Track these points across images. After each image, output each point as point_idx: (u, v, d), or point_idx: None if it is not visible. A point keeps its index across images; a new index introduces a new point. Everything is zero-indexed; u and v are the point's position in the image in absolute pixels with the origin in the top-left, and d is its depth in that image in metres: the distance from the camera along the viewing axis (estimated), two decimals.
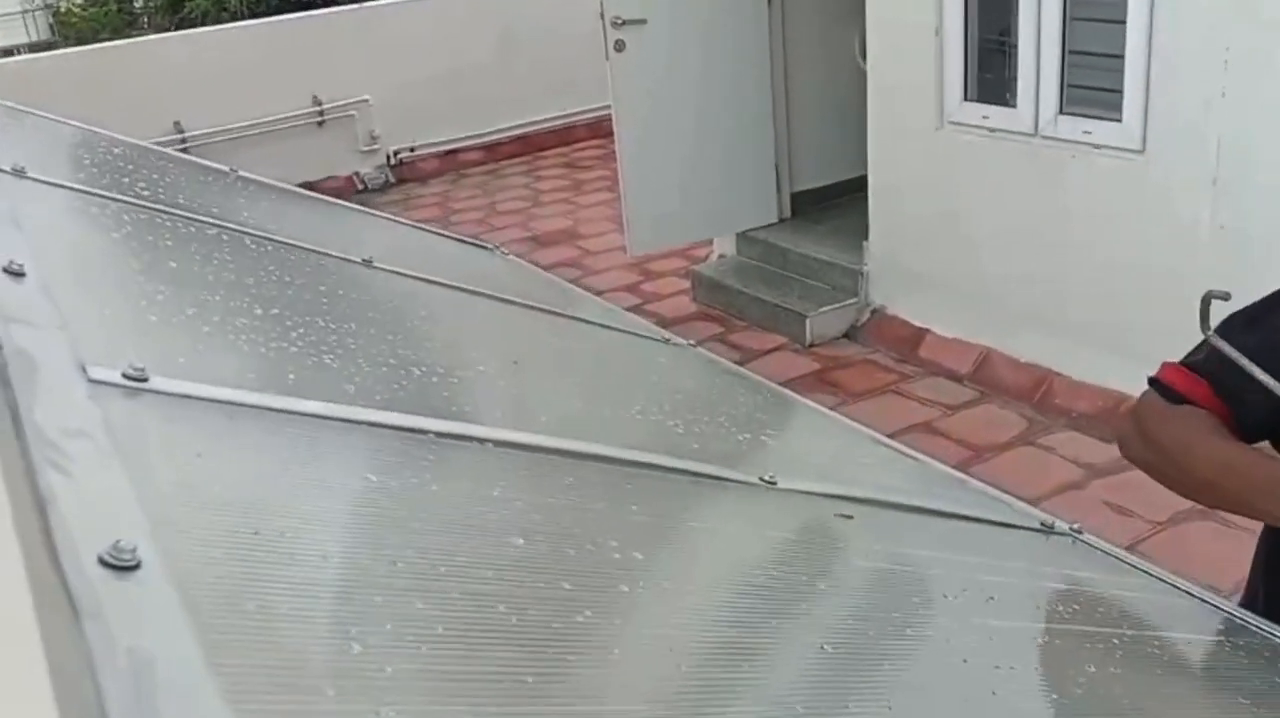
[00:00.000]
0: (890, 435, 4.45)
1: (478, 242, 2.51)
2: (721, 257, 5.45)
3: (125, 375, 0.75)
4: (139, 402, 0.74)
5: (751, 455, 1.19)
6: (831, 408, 4.45)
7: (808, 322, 4.81)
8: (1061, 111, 3.88)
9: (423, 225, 2.40)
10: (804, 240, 5.17)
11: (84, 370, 0.73)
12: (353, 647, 0.52)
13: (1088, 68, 3.82)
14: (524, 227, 6.67)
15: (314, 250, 1.54)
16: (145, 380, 0.76)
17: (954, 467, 4.30)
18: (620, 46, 4.61)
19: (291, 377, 0.91)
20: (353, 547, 0.66)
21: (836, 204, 5.31)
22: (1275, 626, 1.13)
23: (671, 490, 0.97)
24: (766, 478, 1.06)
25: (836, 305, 4.86)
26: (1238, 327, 1.22)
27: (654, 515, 0.90)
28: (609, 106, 4.83)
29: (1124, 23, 3.56)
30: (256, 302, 1.12)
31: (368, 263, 1.56)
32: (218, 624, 0.49)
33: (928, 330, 4.65)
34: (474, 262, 2.17)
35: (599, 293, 5.42)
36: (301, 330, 1.05)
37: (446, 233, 2.43)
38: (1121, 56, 3.61)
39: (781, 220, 5.33)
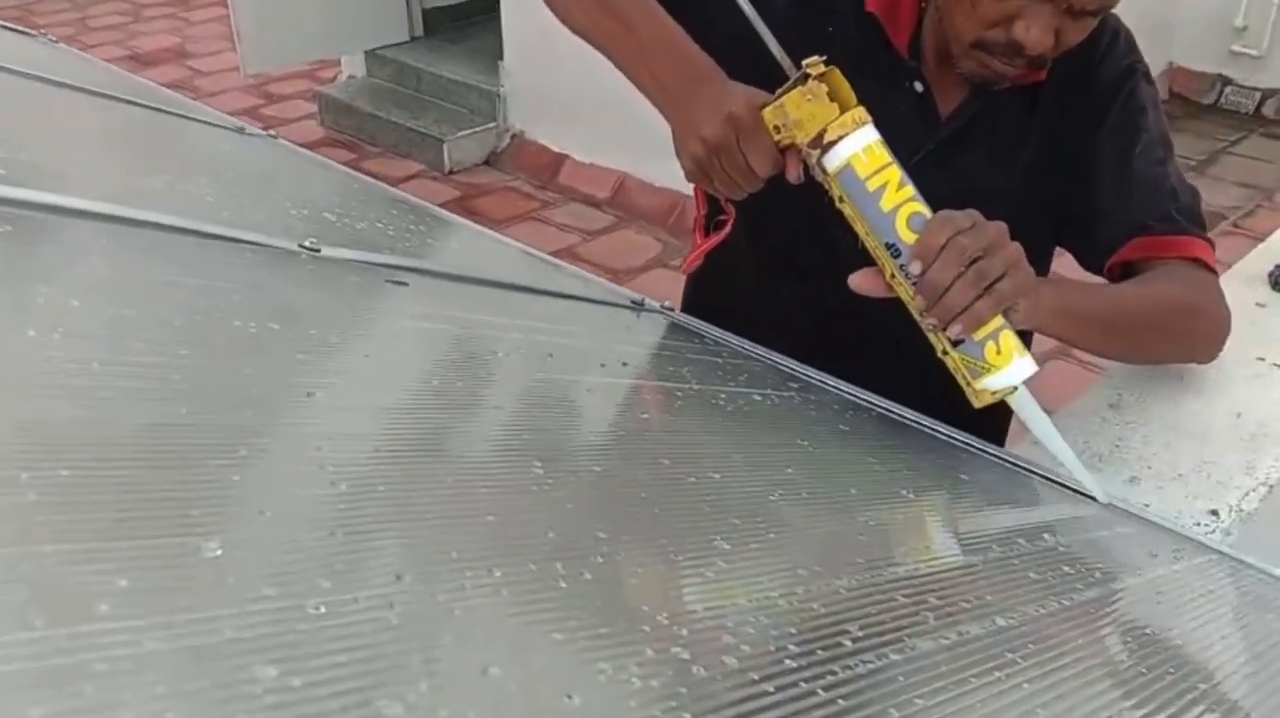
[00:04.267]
0: None
1: (20, 28, 2.10)
2: (351, 78, 5.07)
3: None
4: None
5: (299, 228, 1.03)
6: None
7: (445, 147, 4.59)
8: None
9: None
10: (439, 61, 4.89)
11: None
12: None
13: None
14: (122, 45, 5.87)
15: None
16: None
17: None
18: None
19: None
20: None
21: (473, 22, 5.06)
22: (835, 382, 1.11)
23: (176, 252, 0.80)
24: (308, 244, 0.91)
25: (475, 130, 4.67)
26: None
27: (143, 273, 0.74)
28: None
29: None
30: None
31: None
32: None
33: (567, 156, 4.59)
34: (10, 48, 1.79)
35: None
36: None
37: None
38: None
39: (414, 39, 5.01)
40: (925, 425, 1.03)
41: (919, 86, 1.10)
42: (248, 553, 0.42)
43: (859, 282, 0.94)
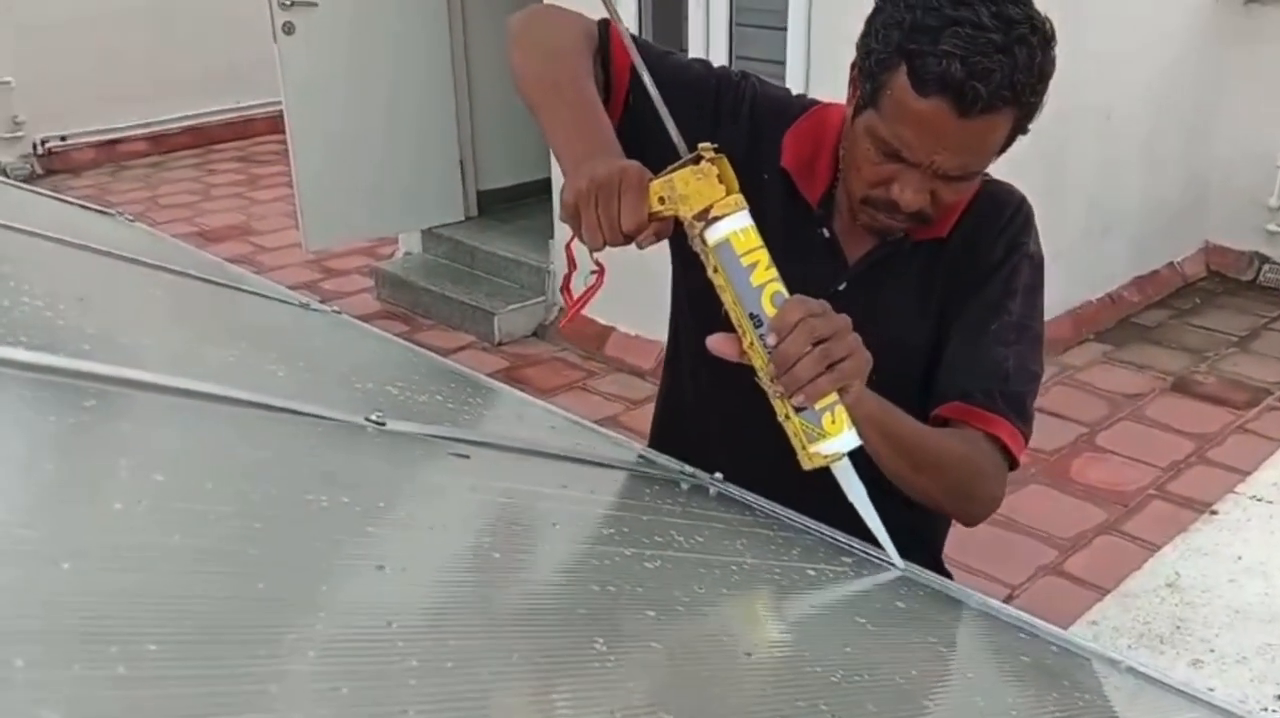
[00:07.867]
0: None
1: (95, 206, 2.22)
2: (407, 254, 5.26)
3: None
4: None
5: (364, 401, 1.06)
6: None
7: (496, 319, 4.72)
8: None
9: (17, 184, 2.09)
10: (491, 238, 5.08)
11: None
12: None
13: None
14: (190, 222, 6.16)
15: None
16: None
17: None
18: (289, 29, 4.34)
19: None
20: None
21: (524, 204, 5.27)
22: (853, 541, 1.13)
23: (250, 426, 0.83)
24: (374, 418, 0.94)
25: (525, 303, 4.81)
26: (656, 53, 1.20)
27: (220, 447, 0.76)
28: None
29: (785, 30, 3.75)
30: None
31: None
32: None
33: (613, 328, 4.69)
34: (83, 224, 1.90)
35: None
36: None
37: (52, 194, 2.13)
38: (783, 63, 3.80)
39: (468, 218, 5.21)
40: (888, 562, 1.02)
41: (826, 233, 1.24)
42: None
43: (716, 344, 1.04)
